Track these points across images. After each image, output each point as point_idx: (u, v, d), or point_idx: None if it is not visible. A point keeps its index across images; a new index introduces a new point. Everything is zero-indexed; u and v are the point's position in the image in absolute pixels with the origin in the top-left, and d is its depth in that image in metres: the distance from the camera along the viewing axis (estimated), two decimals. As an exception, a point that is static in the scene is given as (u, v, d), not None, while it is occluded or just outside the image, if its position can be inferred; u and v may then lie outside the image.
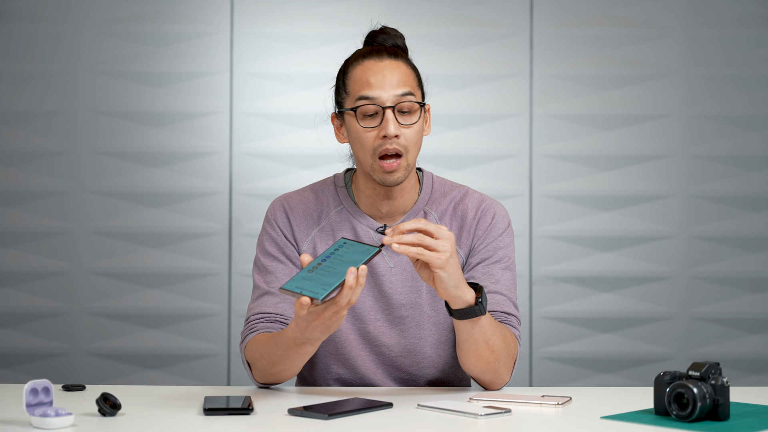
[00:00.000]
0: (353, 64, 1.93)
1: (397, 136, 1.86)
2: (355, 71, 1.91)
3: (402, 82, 1.89)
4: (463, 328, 1.81)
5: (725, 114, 3.51)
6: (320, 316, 1.67)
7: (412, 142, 1.89)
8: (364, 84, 1.88)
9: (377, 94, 1.87)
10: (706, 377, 1.58)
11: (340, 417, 1.63)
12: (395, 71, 1.89)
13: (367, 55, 1.92)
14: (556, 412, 1.70)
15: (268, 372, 1.87)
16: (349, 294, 1.64)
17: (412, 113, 1.89)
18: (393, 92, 1.87)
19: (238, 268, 3.46)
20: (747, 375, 3.47)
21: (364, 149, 1.89)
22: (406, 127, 1.88)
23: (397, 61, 1.91)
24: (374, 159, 1.88)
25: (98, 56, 3.47)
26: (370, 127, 1.88)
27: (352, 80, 1.91)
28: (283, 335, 1.78)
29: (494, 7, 3.50)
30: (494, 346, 1.84)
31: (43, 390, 1.56)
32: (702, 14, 3.51)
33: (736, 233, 3.50)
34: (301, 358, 1.81)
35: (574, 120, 3.50)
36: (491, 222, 1.98)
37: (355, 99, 1.89)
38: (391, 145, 1.87)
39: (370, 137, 1.88)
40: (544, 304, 3.49)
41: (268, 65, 3.49)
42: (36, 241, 3.45)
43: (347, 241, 1.72)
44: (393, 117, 1.86)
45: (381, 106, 1.87)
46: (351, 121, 1.90)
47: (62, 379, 3.31)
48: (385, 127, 1.86)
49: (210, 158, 3.48)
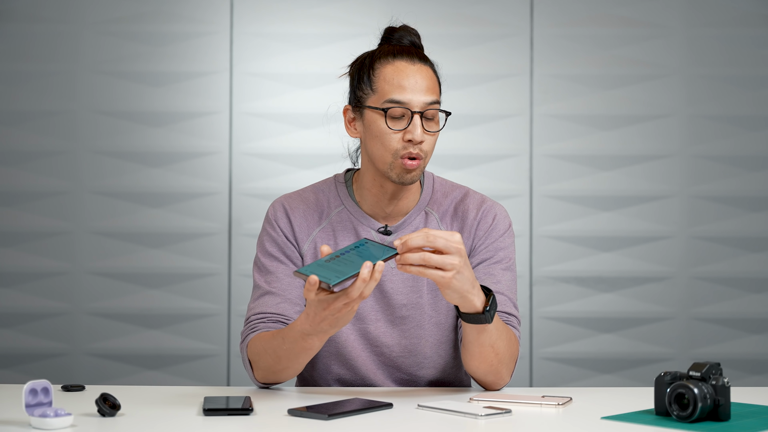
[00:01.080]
0: (382, 62, 1.91)
1: (422, 141, 1.87)
2: (386, 70, 1.90)
3: (431, 89, 1.89)
4: (469, 331, 1.81)
5: (726, 114, 3.51)
6: (330, 306, 1.66)
7: (431, 148, 1.90)
8: (396, 86, 1.88)
9: (408, 98, 1.87)
10: (707, 377, 1.58)
11: (340, 417, 1.62)
12: (425, 77, 1.90)
13: (398, 54, 1.91)
14: (556, 413, 1.69)
15: (271, 369, 1.86)
16: (362, 287, 1.63)
17: (436, 121, 1.90)
18: (423, 98, 1.88)
19: (237, 269, 3.46)
20: (748, 375, 3.47)
21: (387, 149, 1.88)
22: (430, 134, 1.89)
23: (426, 67, 1.92)
24: (395, 158, 1.88)
25: (97, 56, 3.47)
26: (396, 129, 1.88)
27: (381, 79, 1.90)
28: (291, 328, 1.78)
29: (494, 7, 3.50)
30: (498, 350, 1.84)
31: (42, 390, 1.56)
32: (703, 14, 3.51)
33: (737, 233, 3.50)
34: (305, 354, 1.81)
35: (574, 120, 3.50)
36: (492, 223, 1.99)
37: (384, 99, 1.88)
38: (415, 150, 1.87)
39: (395, 138, 1.88)
40: (545, 305, 3.49)
41: (268, 65, 3.48)
42: (35, 241, 3.44)
43: (368, 241, 1.72)
44: (420, 123, 1.87)
45: (410, 111, 1.87)
46: (375, 119, 1.89)
47: (61, 379, 3.31)
48: (412, 131, 1.86)
49: (209, 158, 3.47)
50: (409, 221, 1.98)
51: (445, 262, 1.66)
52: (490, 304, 1.75)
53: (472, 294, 1.72)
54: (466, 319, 1.78)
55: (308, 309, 1.70)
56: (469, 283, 1.71)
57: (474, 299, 1.73)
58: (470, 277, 1.71)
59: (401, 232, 1.97)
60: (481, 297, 1.75)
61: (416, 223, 1.98)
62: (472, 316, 1.76)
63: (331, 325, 1.70)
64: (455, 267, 1.67)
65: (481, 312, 1.75)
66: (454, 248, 1.67)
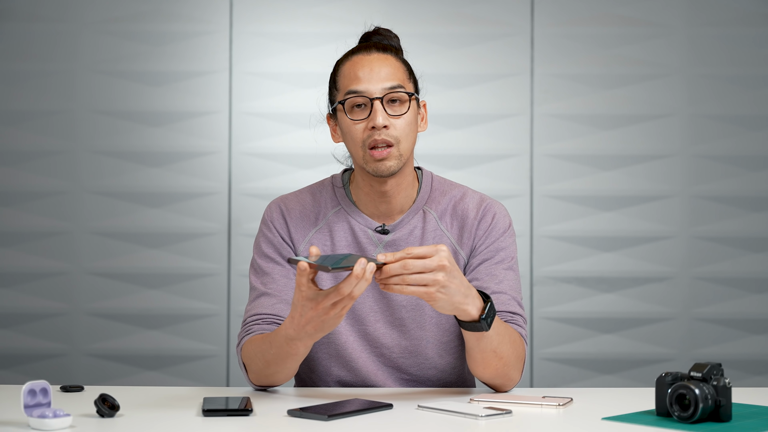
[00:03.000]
0: (343, 61, 1.94)
1: (386, 126, 1.86)
2: (344, 67, 1.92)
3: (390, 74, 1.88)
4: (469, 338, 1.80)
5: (728, 113, 3.50)
6: (319, 305, 1.64)
7: (403, 133, 1.88)
8: (352, 78, 1.89)
9: (365, 87, 1.87)
10: (708, 378, 1.58)
11: (340, 418, 1.62)
12: (383, 64, 1.89)
13: (355, 51, 1.94)
14: (557, 413, 1.69)
15: (262, 373, 1.86)
16: (353, 284, 1.60)
17: (402, 104, 1.89)
18: (381, 85, 1.87)
19: (237, 269, 3.45)
20: (749, 376, 3.46)
21: (355, 142, 1.88)
22: (395, 117, 1.87)
23: (385, 55, 1.92)
24: (365, 150, 1.87)
25: (96, 55, 3.46)
26: (359, 120, 1.87)
27: (341, 76, 1.92)
28: (277, 333, 1.77)
29: (495, 6, 3.49)
30: (502, 353, 1.82)
31: (41, 391, 1.56)
32: (705, 13, 3.50)
33: (738, 233, 3.49)
34: (292, 360, 1.79)
35: (575, 119, 3.49)
36: (492, 222, 1.98)
37: (344, 93, 1.89)
38: (380, 136, 1.86)
39: (359, 129, 1.87)
40: (545, 305, 3.48)
41: (268, 64, 3.48)
42: (34, 241, 3.44)
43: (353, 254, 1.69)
44: (381, 108, 1.86)
45: (369, 98, 1.86)
46: (342, 117, 1.90)
47: (60, 380, 3.30)
48: (373, 118, 1.86)
49: (209, 158, 3.47)
50: (407, 220, 1.97)
51: (425, 279, 1.63)
52: (487, 312, 1.74)
53: (465, 304, 1.70)
54: (463, 327, 1.77)
55: (294, 311, 1.68)
56: (459, 294, 1.68)
57: (468, 308, 1.71)
58: (460, 288, 1.68)
59: (398, 231, 1.96)
60: (476, 304, 1.73)
61: (414, 222, 1.97)
62: (468, 324, 1.75)
63: (316, 328, 1.68)
64: (438, 283, 1.64)
65: (477, 320, 1.74)
66: (435, 265, 1.63)
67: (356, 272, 1.60)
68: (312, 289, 1.64)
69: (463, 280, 1.69)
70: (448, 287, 1.66)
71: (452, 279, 1.66)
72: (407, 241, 1.96)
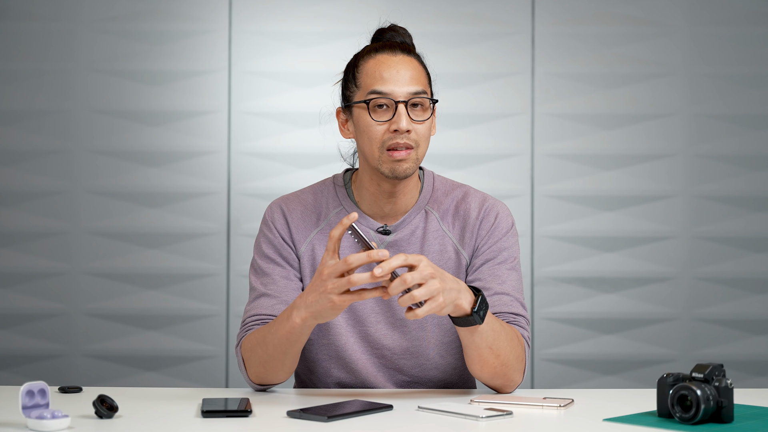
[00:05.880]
0: (365, 58, 1.92)
1: (409, 131, 1.86)
2: (368, 65, 1.90)
3: (415, 78, 1.88)
4: (462, 334, 1.80)
5: (730, 113, 3.49)
6: (324, 271, 1.67)
7: (422, 137, 1.89)
8: (377, 78, 1.87)
9: (390, 89, 1.86)
10: (710, 379, 1.57)
11: (340, 419, 1.61)
12: (408, 67, 1.89)
13: (380, 49, 1.92)
14: (558, 415, 1.69)
15: (262, 363, 1.85)
16: (363, 257, 1.63)
17: (424, 110, 1.89)
18: (406, 88, 1.87)
19: (236, 269, 3.44)
20: (751, 377, 3.45)
21: (373, 142, 1.87)
22: (417, 123, 1.87)
23: (410, 57, 1.91)
24: (382, 151, 1.87)
25: (94, 54, 3.45)
26: (381, 121, 1.87)
27: (364, 74, 1.90)
28: (280, 314, 1.81)
29: (496, 5, 3.48)
30: (499, 351, 1.81)
31: (39, 392, 1.56)
32: (706, 12, 3.50)
33: (740, 233, 3.48)
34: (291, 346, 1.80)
35: (576, 119, 3.49)
36: (494, 222, 1.97)
37: (366, 92, 1.88)
38: (402, 140, 1.86)
39: (380, 130, 1.87)
40: (546, 305, 3.48)
41: (267, 63, 3.47)
42: (32, 241, 3.43)
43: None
44: (405, 112, 1.86)
45: (394, 101, 1.86)
46: (361, 114, 1.89)
47: (58, 380, 3.30)
48: (397, 121, 1.85)
49: (208, 157, 3.46)
50: (409, 220, 1.97)
51: (430, 291, 1.65)
52: (479, 304, 1.74)
53: (460, 299, 1.72)
54: (456, 322, 1.77)
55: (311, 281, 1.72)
56: (454, 291, 1.70)
57: (462, 303, 1.72)
58: (453, 285, 1.70)
59: (400, 232, 1.96)
60: (468, 298, 1.74)
61: (416, 222, 1.97)
62: (461, 319, 1.75)
63: (315, 300, 1.69)
64: (438, 290, 1.66)
65: (470, 313, 1.73)
66: (426, 275, 1.65)
67: (371, 253, 1.63)
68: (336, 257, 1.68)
69: (451, 277, 1.71)
70: (446, 289, 1.68)
71: (445, 281, 1.68)
72: (409, 241, 1.95)
